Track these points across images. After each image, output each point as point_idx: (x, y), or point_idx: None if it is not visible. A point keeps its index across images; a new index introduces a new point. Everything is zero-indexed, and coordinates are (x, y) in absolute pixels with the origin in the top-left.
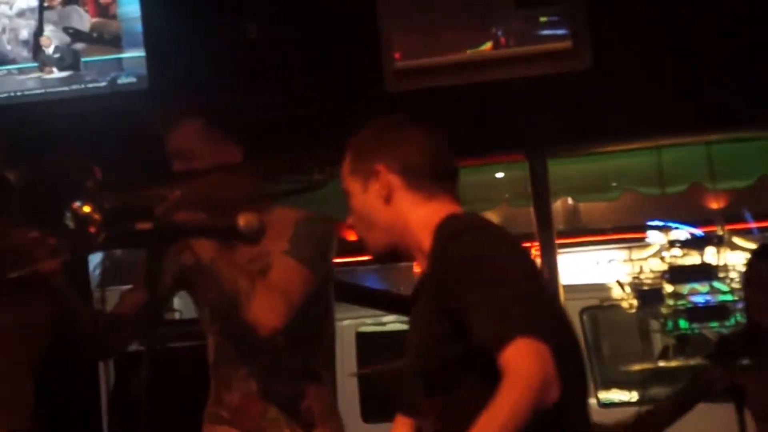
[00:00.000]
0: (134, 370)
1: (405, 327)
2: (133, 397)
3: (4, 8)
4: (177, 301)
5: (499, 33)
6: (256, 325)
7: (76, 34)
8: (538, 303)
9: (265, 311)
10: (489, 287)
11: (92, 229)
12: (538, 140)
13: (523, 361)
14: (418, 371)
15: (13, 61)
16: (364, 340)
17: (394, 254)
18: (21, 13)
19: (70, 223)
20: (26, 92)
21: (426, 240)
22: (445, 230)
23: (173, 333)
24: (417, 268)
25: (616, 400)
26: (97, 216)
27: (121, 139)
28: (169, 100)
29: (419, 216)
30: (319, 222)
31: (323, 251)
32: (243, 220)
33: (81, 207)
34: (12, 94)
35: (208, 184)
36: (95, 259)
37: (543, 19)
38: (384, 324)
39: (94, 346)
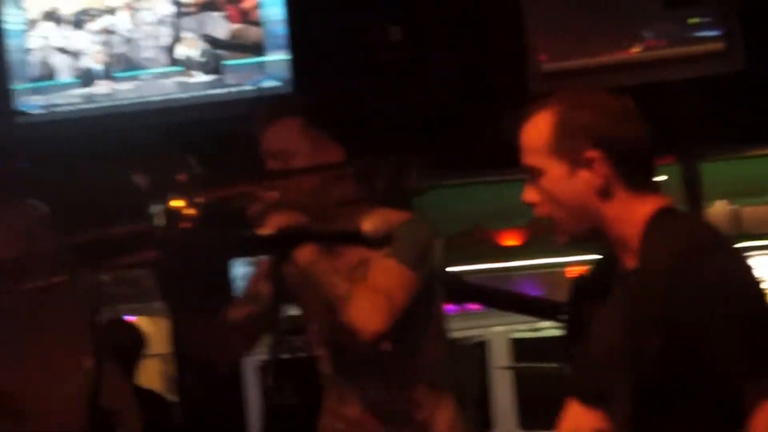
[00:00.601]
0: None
1: (562, 333)
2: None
3: (145, 15)
4: None
5: (648, 35)
6: (358, 330)
7: (214, 42)
8: None
9: (367, 314)
10: (745, 318)
11: (186, 225)
12: (689, 143)
13: None
14: (626, 376)
15: (153, 66)
16: (517, 346)
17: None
18: (161, 21)
19: (160, 219)
20: (168, 96)
21: (634, 234)
22: (668, 232)
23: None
24: (571, 273)
25: None
26: (190, 211)
27: None
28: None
29: (632, 211)
30: (420, 223)
31: (425, 252)
32: (369, 225)
33: (171, 201)
34: (153, 98)
35: (305, 186)
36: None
37: (693, 20)
38: (539, 330)
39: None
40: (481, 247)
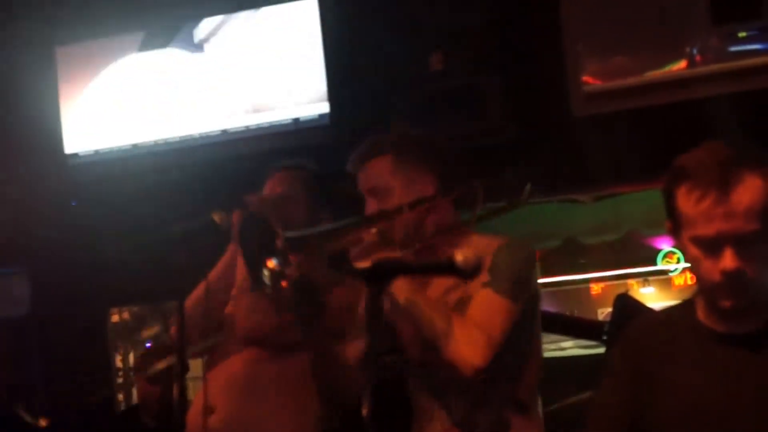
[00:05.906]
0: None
1: (586, 352)
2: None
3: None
4: None
5: (694, 51)
6: (458, 366)
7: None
8: None
9: (467, 351)
10: None
11: (284, 284)
12: None
13: None
14: None
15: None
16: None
17: None
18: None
19: (267, 281)
20: (209, 133)
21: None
22: None
23: None
24: (594, 290)
25: None
26: (287, 272)
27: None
28: (351, 135)
29: None
30: (518, 246)
31: (525, 277)
32: (461, 256)
33: (273, 264)
34: (195, 135)
35: (404, 219)
36: None
37: (742, 34)
38: (564, 349)
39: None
40: None
